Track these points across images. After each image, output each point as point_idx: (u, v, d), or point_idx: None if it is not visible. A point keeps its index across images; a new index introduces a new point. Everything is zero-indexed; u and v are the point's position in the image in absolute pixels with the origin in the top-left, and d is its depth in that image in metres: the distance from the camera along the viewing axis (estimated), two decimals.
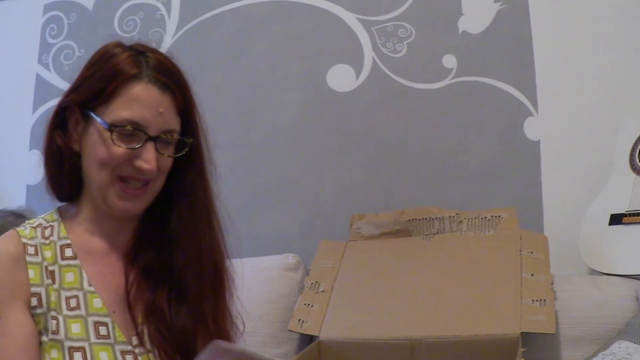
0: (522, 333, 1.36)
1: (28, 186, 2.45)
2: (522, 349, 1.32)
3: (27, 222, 1.14)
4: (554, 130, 1.99)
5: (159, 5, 2.36)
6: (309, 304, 1.63)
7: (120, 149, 1.07)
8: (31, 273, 1.07)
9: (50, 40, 2.49)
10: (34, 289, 1.06)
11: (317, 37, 2.21)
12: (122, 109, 1.07)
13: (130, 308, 1.12)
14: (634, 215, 1.68)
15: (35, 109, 2.48)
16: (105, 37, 2.48)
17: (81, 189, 1.15)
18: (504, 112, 2.03)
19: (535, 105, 2.01)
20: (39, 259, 1.09)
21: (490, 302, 1.48)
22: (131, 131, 1.07)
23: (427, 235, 1.78)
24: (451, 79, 2.09)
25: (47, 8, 2.51)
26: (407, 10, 2.14)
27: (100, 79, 1.08)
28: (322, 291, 1.67)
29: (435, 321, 1.48)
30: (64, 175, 1.13)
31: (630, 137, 1.81)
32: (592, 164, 1.93)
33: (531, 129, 2.01)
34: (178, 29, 2.32)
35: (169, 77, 1.11)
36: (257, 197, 2.19)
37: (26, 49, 2.52)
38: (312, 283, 1.71)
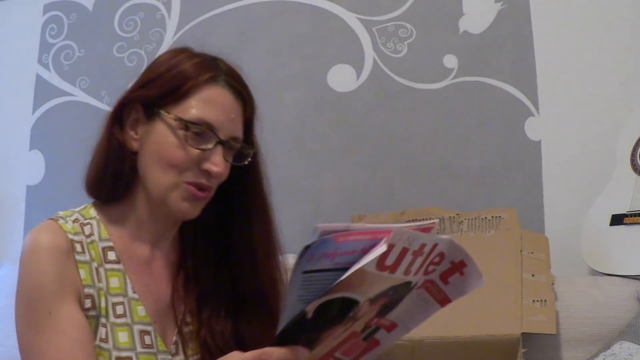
0: (522, 333, 1.36)
1: (28, 186, 2.44)
2: (523, 350, 1.32)
3: (60, 213, 1.07)
4: (555, 130, 1.99)
5: (159, 5, 2.35)
6: None
7: (191, 149, 1.04)
8: (82, 273, 1.01)
9: (50, 40, 2.49)
10: (87, 290, 1.01)
11: (317, 37, 2.21)
12: (196, 109, 1.05)
13: (175, 316, 1.09)
14: (635, 215, 1.68)
15: (35, 109, 2.47)
16: (105, 37, 2.50)
17: (126, 190, 1.09)
18: (504, 112, 2.03)
19: (536, 105, 2.01)
20: (87, 257, 1.03)
21: (491, 302, 1.48)
22: (204, 132, 1.04)
23: None
24: (452, 79, 2.08)
25: (47, 8, 2.51)
26: (408, 10, 2.14)
27: (174, 78, 1.06)
28: None
29: (436, 321, 1.46)
30: (117, 174, 1.07)
31: (631, 138, 1.80)
32: (593, 165, 1.93)
33: (532, 129, 2.00)
34: (178, 29, 2.32)
35: (242, 86, 1.11)
36: None
37: (26, 49, 2.51)
38: None
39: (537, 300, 1.45)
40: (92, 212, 1.09)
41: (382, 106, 2.13)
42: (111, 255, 1.06)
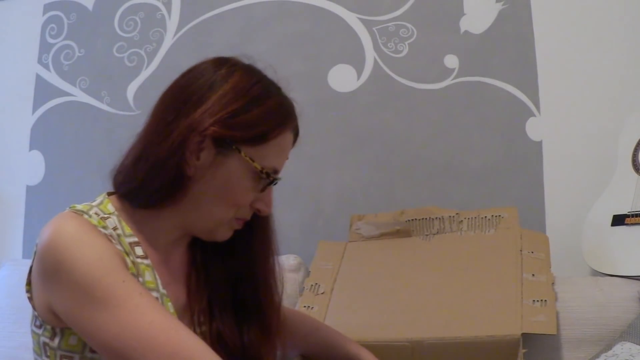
0: (523, 334, 1.35)
1: (28, 187, 2.44)
2: (523, 350, 1.31)
3: (78, 207, 1.01)
4: (556, 130, 1.99)
5: (160, 5, 2.35)
6: (309, 306, 1.62)
7: (254, 193, 1.06)
8: (127, 261, 0.97)
9: (50, 40, 2.49)
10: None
11: (318, 37, 2.20)
12: (273, 157, 1.06)
13: (190, 316, 1.09)
14: (636, 216, 1.67)
15: (35, 109, 2.47)
16: (105, 37, 2.49)
17: (158, 203, 1.04)
18: (506, 112, 2.03)
19: (537, 105, 2.00)
20: (123, 249, 0.99)
21: (491, 302, 1.47)
22: (272, 179, 1.07)
23: (427, 235, 1.77)
24: (453, 79, 2.08)
25: (47, 8, 2.51)
26: (409, 10, 2.14)
27: (260, 122, 1.03)
28: (322, 293, 1.66)
29: (436, 322, 1.47)
30: (159, 190, 1.02)
31: (632, 138, 1.80)
32: (595, 165, 1.93)
33: (533, 129, 2.00)
34: (178, 29, 2.32)
35: (297, 123, 1.12)
36: None
37: (26, 49, 2.51)
38: (311, 285, 1.70)
39: (538, 301, 1.44)
40: (110, 207, 1.05)
41: (382, 106, 2.13)
42: (139, 251, 1.03)
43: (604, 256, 1.69)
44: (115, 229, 1.01)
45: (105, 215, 1.02)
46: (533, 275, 1.52)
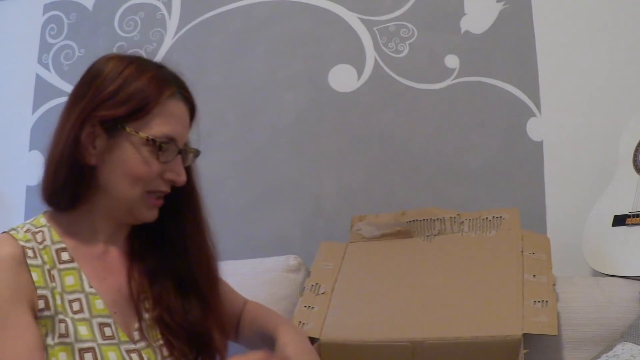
0: (524, 334, 1.35)
1: (28, 187, 2.44)
2: (524, 351, 1.31)
3: (14, 226, 1.13)
4: (556, 130, 1.98)
5: (160, 5, 2.35)
6: (309, 306, 1.62)
7: (157, 163, 1.12)
8: (34, 276, 1.06)
9: (50, 40, 2.49)
10: (40, 292, 1.06)
11: (318, 37, 2.20)
12: (160, 126, 1.12)
13: (135, 304, 1.16)
14: (637, 216, 1.67)
15: (35, 109, 2.47)
16: (105, 37, 2.49)
17: (81, 199, 1.14)
18: (506, 112, 2.03)
19: (538, 105, 2.00)
20: (39, 261, 1.08)
21: (492, 303, 1.47)
22: (168, 146, 1.13)
23: (428, 236, 1.77)
24: (453, 79, 2.08)
25: (47, 8, 2.51)
26: (409, 10, 2.13)
27: (134, 96, 1.11)
28: (323, 293, 1.66)
29: (437, 323, 1.47)
30: (73, 186, 1.12)
31: (634, 138, 1.80)
32: (596, 165, 1.92)
33: (534, 129, 2.00)
34: (179, 29, 2.32)
35: (190, 93, 1.19)
36: (257, 198, 2.18)
37: (26, 49, 2.51)
38: (312, 285, 1.70)
39: (539, 301, 1.44)
40: (43, 220, 1.15)
41: (383, 106, 2.12)
42: (65, 256, 1.12)
43: (605, 257, 1.69)
44: (42, 241, 1.11)
45: (37, 230, 1.12)
46: (534, 276, 1.52)
